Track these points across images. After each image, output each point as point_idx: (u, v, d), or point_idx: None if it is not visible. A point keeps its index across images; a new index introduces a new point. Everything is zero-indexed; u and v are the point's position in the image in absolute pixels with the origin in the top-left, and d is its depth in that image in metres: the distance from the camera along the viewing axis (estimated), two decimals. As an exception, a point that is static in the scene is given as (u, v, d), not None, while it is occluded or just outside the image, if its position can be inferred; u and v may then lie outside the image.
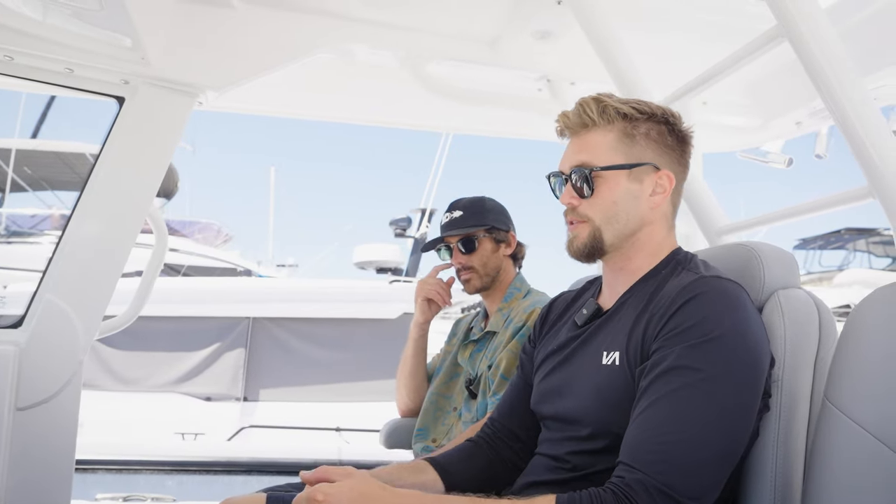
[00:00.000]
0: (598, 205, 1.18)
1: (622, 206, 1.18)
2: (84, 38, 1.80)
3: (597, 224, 1.18)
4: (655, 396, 0.99)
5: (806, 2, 1.23)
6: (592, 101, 1.19)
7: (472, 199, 2.08)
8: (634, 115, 1.18)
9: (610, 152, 1.18)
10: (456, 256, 2.01)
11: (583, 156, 1.19)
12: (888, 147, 1.24)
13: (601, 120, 1.18)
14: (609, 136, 1.18)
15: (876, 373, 0.94)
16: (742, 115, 2.65)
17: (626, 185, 1.18)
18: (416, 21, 2.03)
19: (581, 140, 1.21)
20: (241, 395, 6.10)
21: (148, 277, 2.08)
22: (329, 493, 0.95)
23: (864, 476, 0.91)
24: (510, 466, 1.32)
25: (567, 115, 1.22)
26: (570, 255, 1.23)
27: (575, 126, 1.21)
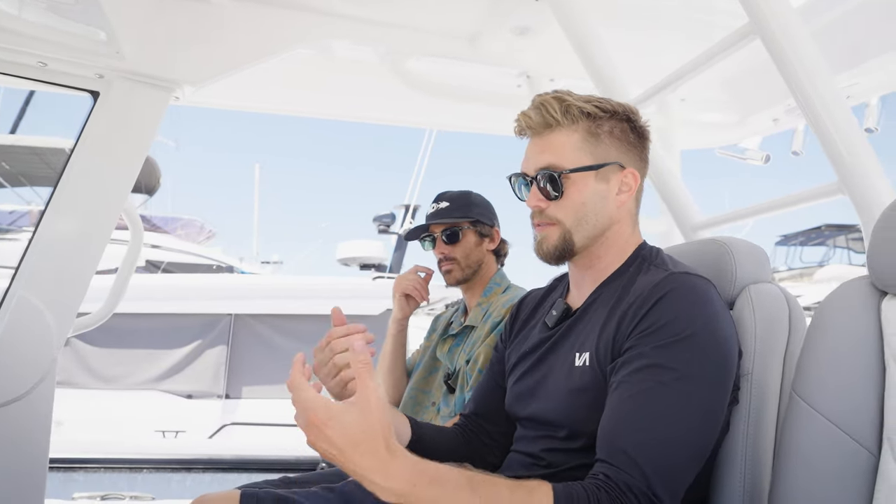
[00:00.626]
0: (567, 207, 1.17)
1: (591, 206, 1.17)
2: (58, 31, 1.78)
3: (567, 226, 1.17)
4: (629, 393, 1.00)
5: (778, 1, 1.25)
6: (554, 100, 1.17)
7: (459, 191, 2.09)
8: (598, 113, 1.17)
9: (576, 153, 1.16)
10: (439, 246, 2.02)
11: (548, 157, 1.17)
12: (857, 144, 1.26)
13: (565, 119, 1.16)
14: (574, 137, 1.17)
15: (840, 366, 0.95)
16: (720, 112, 2.68)
17: (594, 186, 1.17)
18: (395, 17, 2.02)
19: (544, 140, 1.19)
20: (223, 392, 6.07)
21: (123, 274, 2.06)
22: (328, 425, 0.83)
23: (830, 466, 0.93)
24: (480, 460, 1.32)
25: (528, 114, 1.19)
26: (540, 258, 1.21)
27: (537, 126, 1.19)
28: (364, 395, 0.85)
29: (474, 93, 2.50)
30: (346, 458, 0.83)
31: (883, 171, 1.24)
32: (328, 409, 0.83)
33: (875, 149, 1.25)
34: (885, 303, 0.96)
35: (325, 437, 0.83)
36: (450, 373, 1.94)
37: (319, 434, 0.83)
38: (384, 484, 0.83)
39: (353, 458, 0.83)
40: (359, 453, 0.83)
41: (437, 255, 2.03)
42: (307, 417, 0.84)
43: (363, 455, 0.83)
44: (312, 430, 0.84)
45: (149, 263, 9.16)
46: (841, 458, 0.92)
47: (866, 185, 1.24)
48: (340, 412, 0.83)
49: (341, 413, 0.83)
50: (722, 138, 2.84)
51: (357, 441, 0.83)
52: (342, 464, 0.84)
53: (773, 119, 2.67)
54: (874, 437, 0.92)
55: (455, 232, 2.00)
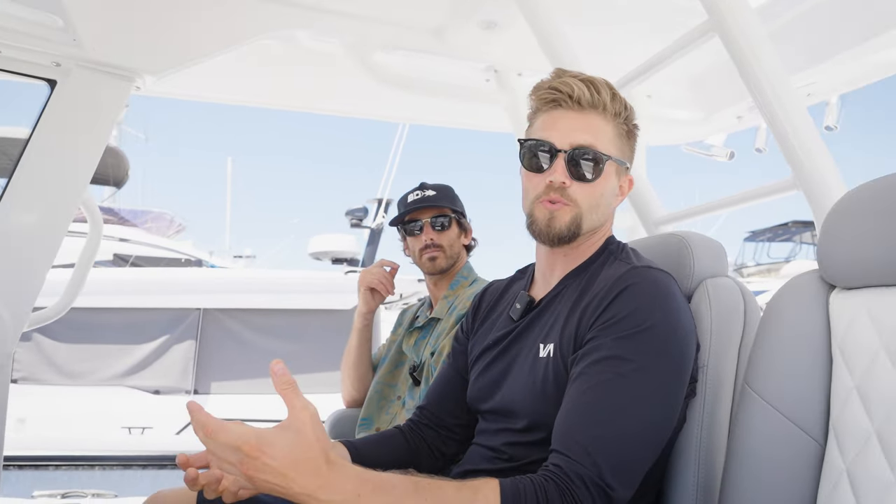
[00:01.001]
0: (591, 192, 1.15)
1: (605, 199, 1.17)
2: (12, 17, 1.73)
3: (582, 210, 1.15)
4: (588, 385, 1.00)
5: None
6: (606, 84, 1.15)
7: (441, 184, 2.08)
8: (628, 113, 1.17)
9: (611, 143, 1.15)
10: (426, 232, 1.98)
11: (588, 137, 1.13)
12: (812, 142, 1.28)
13: (612, 106, 1.15)
14: (610, 126, 1.15)
15: (789, 358, 0.97)
16: (685, 109, 2.71)
17: (613, 181, 1.18)
18: (361, 8, 2.01)
19: (584, 118, 1.14)
20: (192, 387, 5.99)
21: (81, 267, 2.02)
22: (265, 452, 0.78)
23: (779, 455, 0.95)
24: (436, 453, 1.32)
25: (576, 85, 1.13)
26: (544, 236, 1.16)
27: (584, 102, 1.13)
28: (295, 415, 0.82)
29: (443, 87, 2.49)
30: (289, 480, 0.79)
31: (836, 166, 1.27)
32: (260, 436, 0.79)
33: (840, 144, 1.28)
34: (833, 296, 0.98)
35: (264, 466, 0.78)
36: (415, 365, 1.94)
37: (257, 464, 0.78)
38: (328, 498, 0.81)
39: (296, 479, 0.79)
40: (300, 473, 0.79)
41: (422, 241, 1.99)
42: (241, 451, 0.79)
43: (304, 474, 0.80)
44: (248, 463, 0.79)
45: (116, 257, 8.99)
46: (789, 447, 0.94)
47: (820, 181, 1.27)
48: (275, 437, 0.80)
49: (276, 437, 0.80)
50: (688, 135, 2.88)
51: (297, 461, 0.79)
52: (285, 490, 0.80)
53: (738, 116, 2.71)
54: (821, 426, 0.94)
55: (446, 220, 1.99)
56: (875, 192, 0.93)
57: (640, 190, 1.89)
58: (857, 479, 0.87)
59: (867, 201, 0.93)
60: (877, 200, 0.92)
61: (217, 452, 0.82)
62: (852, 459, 0.88)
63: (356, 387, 2.15)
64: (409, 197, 2.03)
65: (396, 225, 2.06)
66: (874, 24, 1.87)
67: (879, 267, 0.90)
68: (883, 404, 0.86)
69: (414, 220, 2.00)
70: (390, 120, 2.98)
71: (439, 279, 2.04)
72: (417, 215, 2.00)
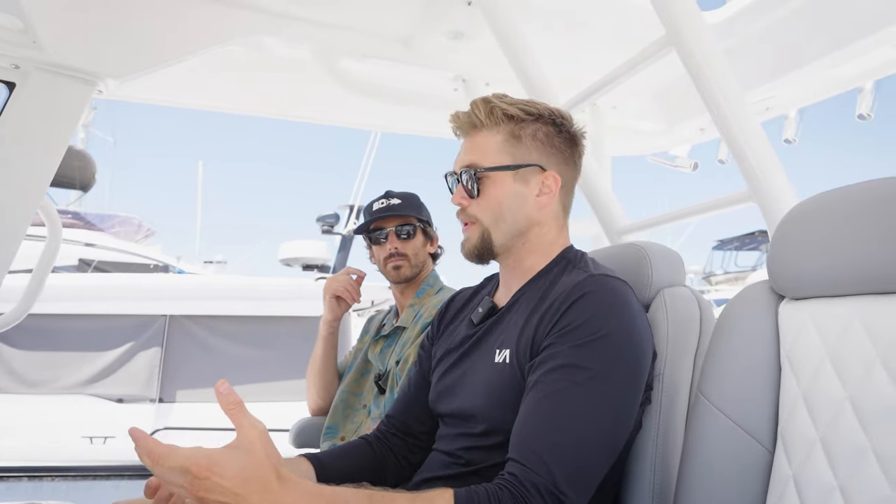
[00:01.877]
0: (485, 205, 1.20)
1: (507, 206, 1.19)
2: (-31, 18, 1.69)
3: (485, 225, 1.20)
4: (543, 393, 1.01)
5: (691, 14, 1.29)
6: (482, 101, 1.21)
7: (406, 192, 2.08)
8: (521, 116, 1.20)
9: (496, 153, 1.19)
10: (391, 241, 1.98)
11: (472, 156, 1.21)
12: (765, 155, 1.32)
13: (488, 121, 1.20)
14: (497, 138, 1.20)
15: (740, 366, 1.00)
16: (649, 120, 2.76)
17: (512, 186, 1.20)
18: (327, 16, 2.01)
19: (471, 140, 1.23)
20: (157, 396, 5.88)
21: (39, 273, 1.97)
22: (215, 472, 0.78)
23: (730, 461, 0.97)
24: (403, 462, 1.32)
25: (458, 115, 1.23)
26: (464, 257, 1.24)
27: (465, 126, 1.23)
28: (243, 434, 0.81)
29: (412, 95, 2.51)
30: (241, 499, 0.79)
31: (788, 180, 1.31)
32: (209, 457, 0.79)
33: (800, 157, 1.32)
34: (782, 306, 1.01)
35: (215, 486, 0.78)
36: (380, 373, 1.94)
37: (207, 484, 0.78)
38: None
39: (248, 497, 0.79)
40: (252, 491, 0.79)
41: (386, 250, 1.99)
42: (190, 472, 0.78)
43: (256, 492, 0.79)
44: (198, 484, 0.78)
45: (81, 262, 8.80)
46: (740, 453, 0.96)
47: (773, 193, 1.30)
48: (224, 457, 0.79)
49: (225, 457, 0.79)
50: (652, 146, 2.93)
51: (248, 479, 0.79)
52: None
53: (700, 128, 2.78)
54: (770, 433, 0.96)
55: (409, 229, 1.99)
56: (821, 205, 0.96)
57: (603, 200, 1.91)
58: (802, 485, 0.90)
59: (813, 214, 0.96)
60: (822, 213, 0.95)
61: (166, 477, 0.82)
62: (798, 466, 0.91)
63: (321, 395, 2.14)
64: (375, 205, 2.03)
65: (361, 233, 2.06)
66: (833, 40, 1.93)
67: (824, 278, 0.93)
68: (826, 411, 0.89)
69: (379, 228, 2.00)
70: (360, 127, 2.98)
71: (405, 287, 2.04)
72: (382, 224, 2.00)
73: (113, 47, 1.85)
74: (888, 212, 0.86)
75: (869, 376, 0.85)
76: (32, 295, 1.98)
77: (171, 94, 2.50)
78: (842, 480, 0.85)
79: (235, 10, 1.92)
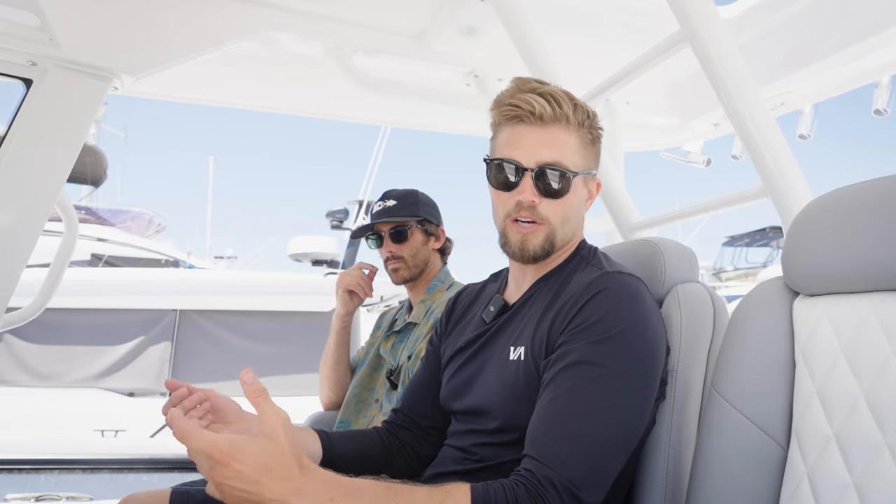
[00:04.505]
0: (559, 208, 1.15)
1: (575, 210, 1.19)
2: (-14, 15, 1.71)
3: (554, 227, 1.16)
4: (560, 390, 1.01)
5: (706, 9, 1.29)
6: (566, 95, 1.14)
7: (405, 190, 2.08)
8: (593, 120, 1.18)
9: (576, 155, 1.15)
10: (386, 245, 2.01)
11: (554, 153, 1.13)
12: (780, 151, 1.32)
13: (574, 118, 1.14)
14: (574, 137, 1.15)
15: (754, 363, 0.99)
16: (663, 116, 2.75)
17: (581, 192, 1.19)
18: (341, 12, 2.02)
19: (548, 133, 1.13)
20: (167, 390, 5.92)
21: (56, 268, 1.99)
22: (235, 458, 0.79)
23: (743, 458, 0.97)
24: (411, 454, 1.33)
25: (536, 101, 1.12)
26: (519, 257, 1.17)
27: (546, 117, 1.13)
28: (266, 421, 0.82)
29: (424, 91, 2.51)
30: (261, 486, 0.79)
31: (803, 175, 1.30)
32: (232, 442, 0.80)
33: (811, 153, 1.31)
34: (796, 303, 1.01)
35: (235, 472, 0.79)
36: (392, 369, 1.95)
37: (227, 471, 0.79)
38: (297, 502, 0.81)
39: (268, 485, 0.80)
40: (272, 479, 0.80)
41: (384, 253, 2.02)
42: (211, 457, 0.79)
43: (276, 480, 0.80)
44: (219, 470, 0.79)
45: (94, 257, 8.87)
46: (753, 450, 0.97)
47: (787, 189, 1.30)
48: (246, 443, 0.80)
49: (247, 444, 0.80)
50: (665, 141, 2.92)
51: (269, 467, 0.80)
52: (256, 497, 0.80)
53: (714, 124, 2.76)
54: (784, 430, 0.96)
55: (403, 231, 1.99)
56: (836, 201, 0.96)
57: (616, 196, 1.91)
58: (816, 482, 0.90)
59: (828, 210, 0.96)
60: (837, 210, 0.95)
61: (192, 456, 0.83)
62: (813, 462, 0.91)
63: (334, 389, 2.16)
64: (374, 208, 2.06)
65: (358, 237, 2.09)
66: (848, 34, 1.91)
67: (838, 275, 0.93)
68: (841, 408, 0.88)
69: (375, 232, 2.03)
70: (371, 123, 2.98)
71: (414, 285, 2.05)
72: (379, 227, 2.03)
73: (128, 44, 1.86)
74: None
75: (884, 372, 0.85)
76: (50, 290, 2.00)
77: (184, 91, 2.51)
78: (857, 477, 0.85)
79: (249, 6, 1.93)
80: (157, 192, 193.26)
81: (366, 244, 2.10)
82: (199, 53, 1.93)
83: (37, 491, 3.69)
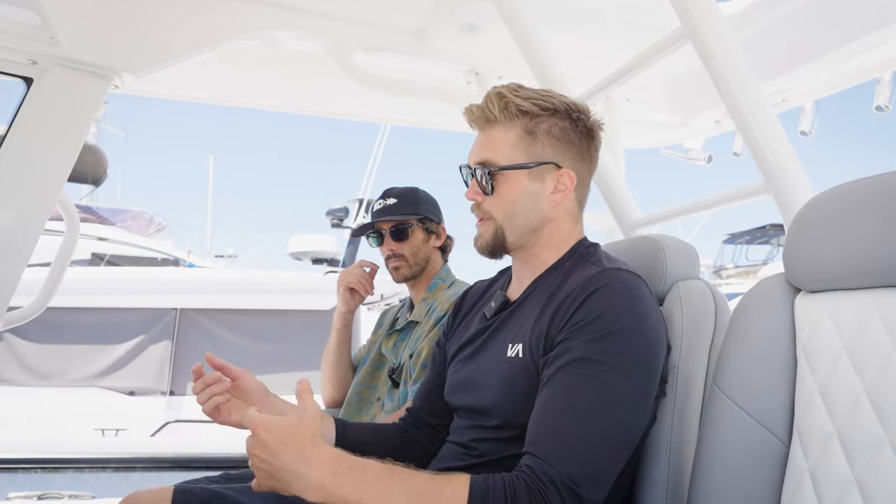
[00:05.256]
0: (499, 203, 1.19)
1: (522, 205, 1.18)
2: (-13, 14, 1.71)
3: (499, 222, 1.19)
4: (559, 388, 1.01)
5: (707, 6, 1.29)
6: (496, 95, 1.18)
7: (405, 188, 2.08)
8: (536, 111, 1.17)
9: (511, 150, 1.17)
10: (387, 243, 2.01)
11: (486, 153, 1.19)
12: (781, 148, 1.31)
13: (503, 116, 1.17)
14: (511, 134, 1.18)
15: (756, 359, 1.00)
16: (664, 113, 2.75)
17: (527, 185, 1.18)
18: (341, 10, 2.02)
19: (486, 135, 1.20)
20: (167, 389, 5.93)
21: (58, 267, 1.99)
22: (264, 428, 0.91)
23: (745, 454, 0.97)
24: (423, 452, 1.35)
25: (472, 108, 1.21)
26: (477, 252, 1.24)
27: (479, 120, 1.20)
28: (302, 405, 0.95)
29: (424, 88, 2.50)
30: (275, 455, 0.90)
31: (805, 172, 1.30)
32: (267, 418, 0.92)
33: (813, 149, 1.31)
34: (798, 299, 1.01)
35: (259, 442, 0.91)
36: (394, 367, 1.95)
37: (254, 441, 0.91)
38: (306, 471, 0.90)
39: (281, 454, 0.90)
40: (285, 449, 0.90)
41: (385, 252, 2.02)
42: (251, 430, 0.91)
43: (289, 450, 0.90)
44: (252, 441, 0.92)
45: (94, 256, 8.87)
46: (755, 447, 0.97)
47: (789, 186, 1.30)
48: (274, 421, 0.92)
49: (274, 421, 0.92)
50: (666, 138, 2.92)
51: (285, 437, 0.91)
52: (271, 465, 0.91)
53: (715, 121, 2.76)
54: (786, 427, 0.96)
55: (403, 229, 1.99)
56: (838, 197, 0.96)
57: (616, 193, 1.91)
58: (818, 478, 0.90)
59: (830, 207, 0.96)
60: (839, 206, 0.95)
61: None
62: (815, 459, 0.91)
63: (336, 387, 2.16)
64: (375, 206, 2.06)
65: (359, 236, 2.09)
66: (849, 30, 1.91)
67: (840, 271, 0.93)
68: (843, 404, 0.89)
69: (376, 230, 2.03)
70: (372, 121, 2.99)
71: (416, 283, 2.05)
72: (379, 226, 2.02)
73: (129, 42, 1.86)
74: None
75: (886, 369, 0.85)
76: (51, 289, 2.00)
77: (184, 89, 2.52)
78: (859, 474, 0.85)
79: (250, 4, 1.93)
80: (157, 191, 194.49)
81: (366, 242, 2.10)
82: (200, 51, 1.93)
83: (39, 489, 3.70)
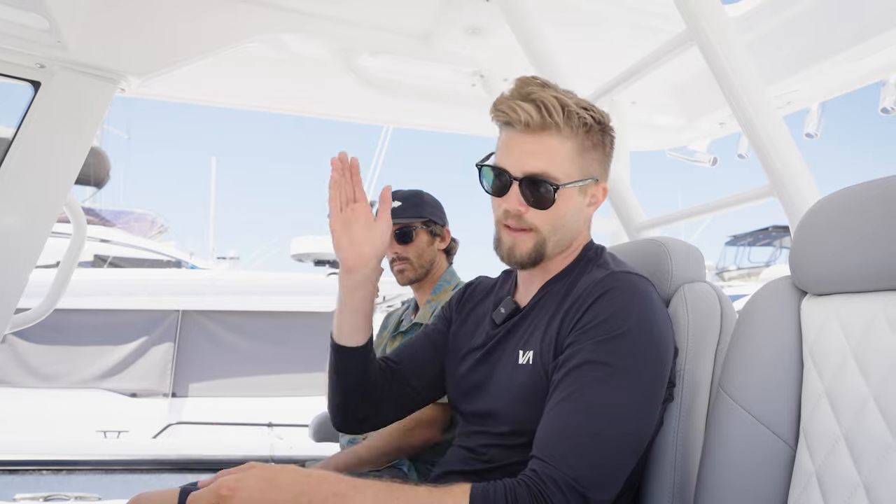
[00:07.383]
0: (548, 217, 1.13)
1: (568, 219, 1.15)
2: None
3: (544, 235, 1.14)
4: (566, 392, 1.01)
5: (713, 9, 1.29)
6: (558, 102, 1.09)
7: (410, 191, 2.08)
8: (593, 125, 1.13)
9: (568, 164, 1.11)
10: (392, 246, 2.00)
11: (541, 163, 1.10)
12: (787, 150, 1.32)
13: (566, 126, 1.10)
14: (567, 145, 1.11)
15: (762, 363, 1.00)
16: (668, 115, 2.76)
17: (577, 200, 1.16)
18: (346, 13, 2.02)
19: (537, 142, 1.11)
20: (169, 390, 5.93)
21: (65, 269, 2.00)
22: (233, 487, 0.88)
23: (751, 458, 0.97)
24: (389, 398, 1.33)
25: (525, 109, 1.09)
26: (507, 262, 1.18)
27: (534, 125, 1.10)
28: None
29: (429, 91, 2.51)
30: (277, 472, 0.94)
31: (811, 174, 1.31)
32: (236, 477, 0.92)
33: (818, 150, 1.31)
34: (804, 302, 1.01)
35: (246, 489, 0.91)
36: (399, 369, 1.95)
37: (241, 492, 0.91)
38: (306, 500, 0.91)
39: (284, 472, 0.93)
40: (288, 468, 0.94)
41: (389, 254, 2.02)
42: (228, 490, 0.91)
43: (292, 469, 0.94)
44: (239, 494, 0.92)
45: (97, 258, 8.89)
46: (761, 450, 0.97)
47: (795, 188, 1.30)
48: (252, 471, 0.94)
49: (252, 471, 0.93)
50: (671, 140, 2.92)
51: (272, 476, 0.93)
52: None
53: (720, 123, 2.76)
54: (792, 430, 0.97)
55: (408, 232, 1.99)
56: (844, 200, 0.96)
57: (622, 196, 1.92)
58: (825, 482, 0.90)
59: (836, 210, 0.96)
60: (845, 209, 0.95)
61: None
62: (821, 462, 0.91)
63: (339, 389, 2.15)
64: None
65: None
66: (855, 32, 1.91)
67: (846, 274, 0.93)
68: (850, 408, 0.89)
69: None
70: (377, 123, 2.99)
71: (420, 286, 2.05)
72: None
73: (136, 46, 1.87)
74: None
75: (893, 373, 0.85)
76: (58, 291, 2.01)
77: (189, 91, 2.52)
78: (866, 477, 0.85)
79: (257, 7, 1.94)
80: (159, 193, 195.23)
81: None
82: (206, 55, 1.94)
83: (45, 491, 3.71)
